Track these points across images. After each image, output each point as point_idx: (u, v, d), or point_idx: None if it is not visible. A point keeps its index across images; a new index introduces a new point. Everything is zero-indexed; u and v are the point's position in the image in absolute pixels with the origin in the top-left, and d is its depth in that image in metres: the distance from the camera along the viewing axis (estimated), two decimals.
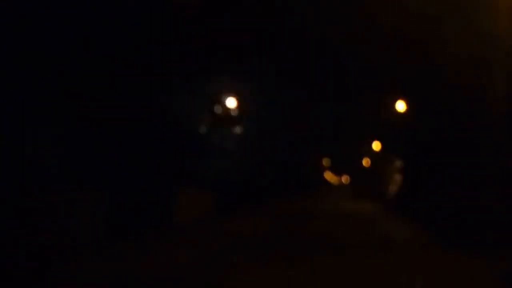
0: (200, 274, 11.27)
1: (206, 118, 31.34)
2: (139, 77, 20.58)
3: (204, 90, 29.96)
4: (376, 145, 50.12)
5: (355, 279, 11.01)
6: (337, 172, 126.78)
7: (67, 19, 17.23)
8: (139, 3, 20.11)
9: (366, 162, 64.22)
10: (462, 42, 19.40)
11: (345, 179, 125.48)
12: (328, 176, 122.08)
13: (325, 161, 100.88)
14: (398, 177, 37.66)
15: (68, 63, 17.56)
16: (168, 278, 10.76)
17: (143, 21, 20.04)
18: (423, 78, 25.87)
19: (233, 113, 33.78)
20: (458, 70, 20.45)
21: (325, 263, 12.70)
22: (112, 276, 10.85)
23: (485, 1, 16.31)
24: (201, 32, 24.39)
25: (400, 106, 30.56)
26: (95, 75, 18.37)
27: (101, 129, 18.88)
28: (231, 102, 32.99)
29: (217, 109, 32.77)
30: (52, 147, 17.27)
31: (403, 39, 23.64)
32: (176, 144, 24.11)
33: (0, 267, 11.34)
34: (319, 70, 43.34)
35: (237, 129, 35.33)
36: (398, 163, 38.12)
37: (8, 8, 15.50)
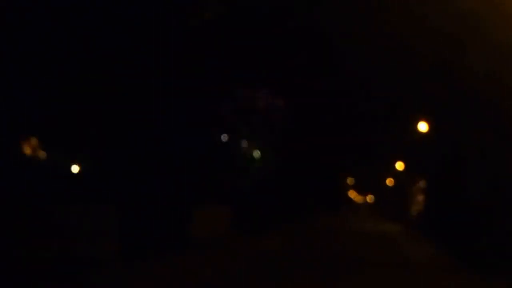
0: None
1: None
2: (155, 87, 20.67)
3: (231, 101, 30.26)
4: (400, 165, 49.96)
5: None
6: (362, 191, 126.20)
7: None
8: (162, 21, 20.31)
9: (390, 181, 64.05)
10: (483, 59, 19.34)
11: (369, 198, 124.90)
12: (353, 194, 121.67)
13: (350, 180, 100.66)
14: (421, 197, 37.52)
15: (84, 72, 17.82)
16: None
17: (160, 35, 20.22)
18: (445, 98, 25.83)
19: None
20: (479, 88, 20.40)
21: (346, 284, 12.71)
22: None
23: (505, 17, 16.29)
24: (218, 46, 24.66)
25: (423, 126, 30.51)
26: (109, 85, 18.55)
27: (116, 142, 18.99)
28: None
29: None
30: (67, 161, 17.49)
31: (425, 59, 23.66)
32: (195, 158, 24.13)
33: (12, 284, 11.48)
34: (343, 92, 43.37)
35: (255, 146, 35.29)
36: (421, 183, 37.98)
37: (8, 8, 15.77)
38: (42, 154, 18.21)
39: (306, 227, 35.24)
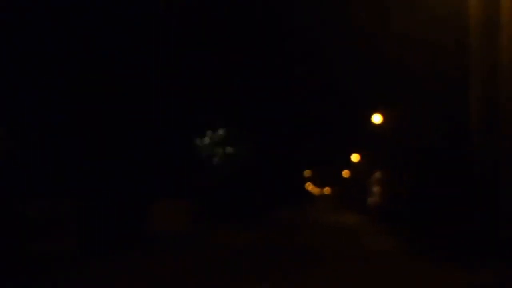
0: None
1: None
2: (117, 83, 20.47)
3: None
4: (355, 157, 50.55)
5: None
6: (319, 184, 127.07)
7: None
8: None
9: (346, 173, 64.73)
10: (436, 52, 19.76)
11: (327, 190, 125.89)
12: (310, 187, 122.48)
13: (307, 172, 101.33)
14: (377, 188, 37.97)
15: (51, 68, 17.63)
16: None
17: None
18: (400, 90, 26.24)
19: None
20: (433, 80, 20.84)
21: (304, 276, 12.83)
22: None
23: (457, 12, 16.66)
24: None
25: (376, 118, 30.97)
26: (73, 79, 18.36)
27: (73, 135, 18.77)
28: None
29: None
30: (24, 154, 17.24)
31: (378, 56, 24.10)
32: (155, 154, 23.98)
33: None
34: (300, 84, 43.78)
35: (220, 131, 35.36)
36: (377, 174, 38.43)
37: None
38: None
39: (267, 221, 35.39)
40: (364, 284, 11.93)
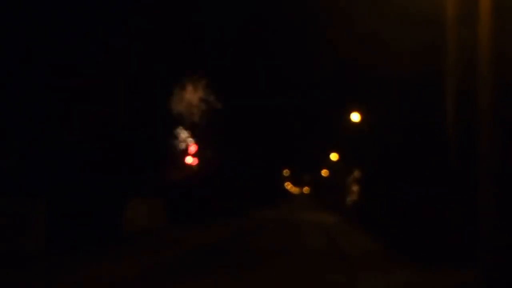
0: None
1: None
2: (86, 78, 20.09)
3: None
4: (334, 156, 50.52)
5: None
6: (297, 183, 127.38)
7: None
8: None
9: (325, 172, 64.78)
10: (412, 53, 19.74)
11: (305, 189, 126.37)
12: (289, 186, 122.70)
13: (286, 172, 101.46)
14: (356, 188, 37.93)
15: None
16: None
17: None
18: (378, 88, 26.21)
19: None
20: (409, 81, 20.82)
21: (276, 277, 12.66)
22: None
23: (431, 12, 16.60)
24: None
25: (355, 117, 30.86)
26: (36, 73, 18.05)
27: (43, 132, 18.42)
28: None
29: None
30: None
31: (355, 55, 24.09)
32: (128, 152, 23.60)
33: None
34: (278, 83, 43.83)
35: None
36: (356, 174, 38.38)
37: None
38: None
39: (242, 220, 35.27)
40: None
